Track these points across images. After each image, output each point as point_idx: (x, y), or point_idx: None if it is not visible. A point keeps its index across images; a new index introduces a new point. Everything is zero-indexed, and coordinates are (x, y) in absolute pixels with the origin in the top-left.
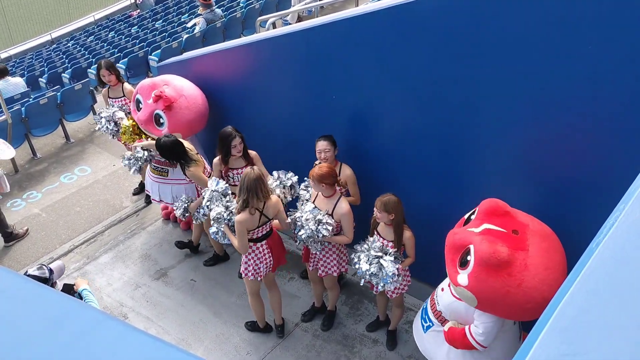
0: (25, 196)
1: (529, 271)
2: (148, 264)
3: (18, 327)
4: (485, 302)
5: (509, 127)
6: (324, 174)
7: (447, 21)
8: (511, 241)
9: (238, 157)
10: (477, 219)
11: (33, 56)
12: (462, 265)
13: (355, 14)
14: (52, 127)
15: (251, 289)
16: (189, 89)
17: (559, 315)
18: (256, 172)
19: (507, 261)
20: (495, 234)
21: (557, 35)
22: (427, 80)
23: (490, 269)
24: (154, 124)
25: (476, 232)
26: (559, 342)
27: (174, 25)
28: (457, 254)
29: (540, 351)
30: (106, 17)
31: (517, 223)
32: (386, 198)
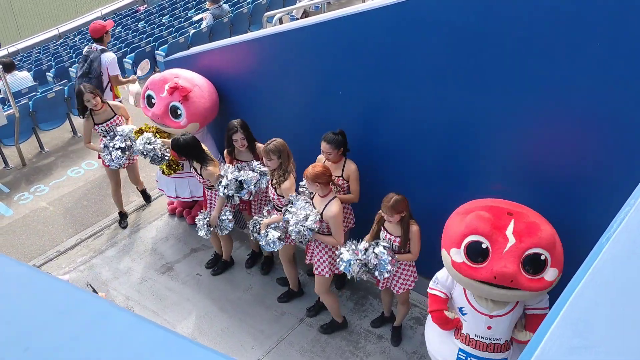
0: (33, 189)
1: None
2: (154, 258)
3: (31, 317)
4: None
5: (515, 126)
6: (318, 173)
7: (455, 18)
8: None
9: (244, 151)
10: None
11: (40, 51)
12: (539, 271)
13: (361, 10)
14: (60, 121)
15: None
16: (199, 80)
17: (570, 308)
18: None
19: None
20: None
21: (564, 32)
22: (434, 78)
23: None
24: (171, 116)
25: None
26: (571, 335)
27: (181, 21)
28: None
29: (551, 343)
30: (113, 12)
31: (499, 209)
32: (392, 200)
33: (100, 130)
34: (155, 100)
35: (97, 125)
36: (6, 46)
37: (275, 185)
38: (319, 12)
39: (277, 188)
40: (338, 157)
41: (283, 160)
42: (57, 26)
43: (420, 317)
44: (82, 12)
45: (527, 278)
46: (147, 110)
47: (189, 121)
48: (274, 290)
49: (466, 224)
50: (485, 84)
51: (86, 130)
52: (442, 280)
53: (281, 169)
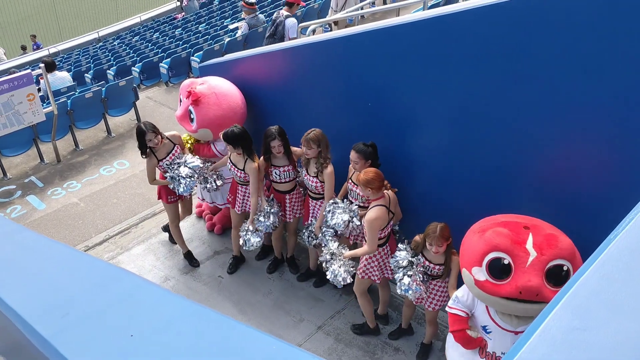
0: (66, 185)
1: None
2: (178, 258)
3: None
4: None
5: (545, 142)
6: (370, 179)
7: (486, 34)
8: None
9: (280, 156)
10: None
11: (80, 52)
12: (562, 282)
13: (395, 24)
14: (95, 120)
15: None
16: (223, 88)
17: (573, 295)
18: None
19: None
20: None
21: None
22: (464, 93)
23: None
24: (188, 119)
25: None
26: (571, 317)
27: (217, 29)
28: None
29: (552, 324)
30: (152, 19)
31: (515, 224)
32: (439, 229)
33: (165, 165)
34: (181, 104)
35: (160, 162)
36: (47, 47)
37: (316, 173)
38: (352, 24)
39: (318, 175)
40: (364, 169)
41: (322, 149)
42: (97, 30)
43: (439, 333)
44: (122, 17)
45: (551, 290)
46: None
47: (198, 126)
48: (294, 296)
49: (485, 241)
50: (518, 99)
51: (151, 169)
52: (462, 299)
53: (321, 156)
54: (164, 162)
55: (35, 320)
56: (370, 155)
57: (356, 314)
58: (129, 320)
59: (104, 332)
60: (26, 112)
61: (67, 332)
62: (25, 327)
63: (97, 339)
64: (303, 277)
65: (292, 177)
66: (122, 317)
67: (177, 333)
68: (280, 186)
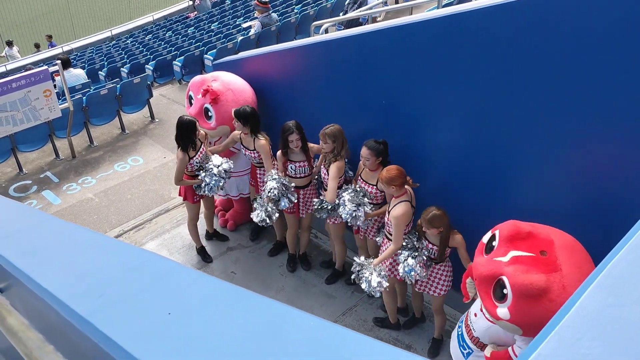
0: (81, 181)
1: (567, 292)
2: (191, 254)
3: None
4: (530, 330)
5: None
6: (393, 176)
7: (500, 32)
8: (543, 265)
9: (297, 151)
10: (500, 246)
11: (93, 51)
12: (499, 299)
13: (408, 22)
14: (110, 117)
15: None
16: (236, 84)
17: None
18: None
19: (546, 288)
20: (525, 261)
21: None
22: (477, 91)
23: (531, 300)
24: (204, 117)
25: (505, 261)
26: (606, 295)
27: (229, 28)
28: (489, 286)
29: (587, 302)
30: (164, 18)
31: (542, 242)
32: (430, 215)
33: (195, 163)
34: (193, 101)
35: (191, 160)
36: (61, 45)
37: (325, 166)
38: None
39: (327, 167)
40: (375, 166)
41: (337, 144)
42: (111, 28)
43: (449, 329)
44: (135, 16)
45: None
46: (188, 108)
47: (218, 124)
48: (306, 292)
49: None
50: (534, 99)
51: (182, 166)
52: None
53: (333, 152)
54: (194, 160)
55: (72, 301)
56: (381, 152)
57: (368, 311)
58: (166, 300)
59: (141, 310)
60: (42, 108)
61: (105, 311)
62: (63, 308)
63: (134, 317)
64: (332, 278)
65: (307, 173)
66: (158, 296)
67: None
68: (295, 181)
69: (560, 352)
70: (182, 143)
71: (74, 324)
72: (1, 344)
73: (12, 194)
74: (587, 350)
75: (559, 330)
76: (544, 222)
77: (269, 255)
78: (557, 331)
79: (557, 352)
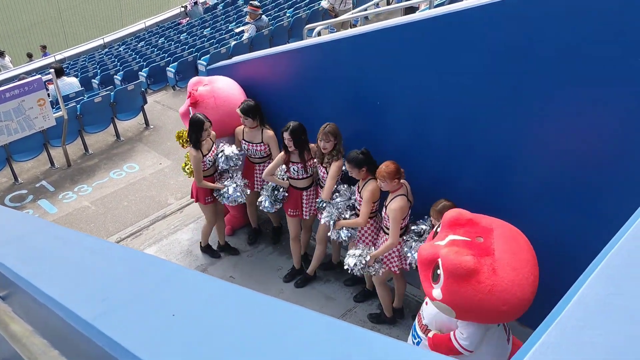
0: (77, 189)
1: (497, 275)
2: (189, 260)
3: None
4: (462, 312)
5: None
6: (391, 171)
7: (491, 31)
8: (476, 248)
9: (295, 152)
10: (441, 231)
11: (86, 59)
12: (434, 280)
13: (400, 23)
14: (104, 125)
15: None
16: (224, 92)
17: (606, 265)
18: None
19: (474, 269)
20: (460, 243)
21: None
22: (473, 90)
23: (460, 280)
24: (188, 117)
25: (442, 244)
26: (606, 284)
27: (222, 33)
28: (429, 269)
29: (588, 290)
30: (156, 24)
31: (481, 229)
32: (440, 205)
33: (207, 161)
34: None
35: (205, 157)
36: (54, 54)
37: (325, 165)
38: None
39: (327, 167)
40: (363, 175)
41: (338, 142)
42: (103, 36)
43: None
44: (127, 23)
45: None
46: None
47: None
48: (305, 294)
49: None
50: (528, 102)
51: (198, 163)
52: None
53: (335, 149)
54: (207, 157)
55: (75, 305)
56: (361, 162)
57: (367, 312)
58: (169, 302)
59: (144, 313)
60: (37, 117)
61: (108, 315)
62: (66, 313)
63: (138, 319)
64: (301, 283)
65: (307, 175)
66: (161, 299)
67: (219, 311)
68: (297, 182)
69: (563, 340)
70: (192, 140)
71: (78, 329)
72: (5, 351)
73: (7, 203)
74: (590, 339)
75: (561, 320)
76: (537, 211)
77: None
78: (559, 320)
79: (561, 340)
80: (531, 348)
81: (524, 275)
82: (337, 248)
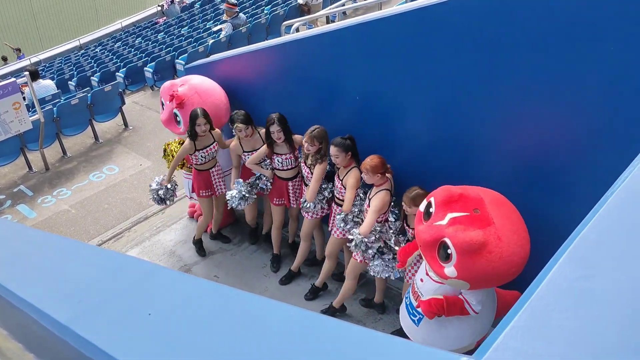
0: (56, 193)
1: (502, 241)
2: (173, 260)
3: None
4: (477, 283)
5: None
6: (376, 164)
7: (465, 23)
8: (478, 221)
9: (281, 144)
10: (437, 211)
11: (62, 61)
12: (444, 260)
13: (379, 17)
14: (82, 127)
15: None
16: (204, 86)
17: (576, 246)
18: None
19: (484, 241)
20: (462, 220)
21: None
22: (450, 82)
23: (473, 255)
24: (175, 123)
25: (444, 224)
26: (576, 267)
27: (200, 31)
28: (434, 250)
29: (558, 274)
30: (133, 24)
31: (473, 200)
32: (413, 193)
33: (200, 156)
34: (164, 107)
35: (197, 151)
36: (29, 56)
37: (309, 165)
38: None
39: (311, 167)
40: (346, 162)
41: (323, 146)
42: (78, 38)
43: None
44: (103, 24)
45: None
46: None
47: (185, 128)
48: (290, 293)
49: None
50: (504, 88)
51: (183, 153)
52: None
53: (319, 152)
54: (199, 153)
55: (50, 308)
56: (348, 147)
57: (353, 306)
58: (145, 302)
59: (121, 313)
60: (12, 121)
61: (84, 317)
62: (41, 316)
63: (114, 320)
64: (286, 280)
65: (293, 165)
66: (137, 299)
67: (196, 309)
68: (283, 173)
69: (532, 323)
70: (189, 132)
71: (53, 331)
72: None
73: None
74: (559, 322)
75: (531, 303)
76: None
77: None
78: (529, 304)
79: (530, 324)
80: (501, 333)
81: (521, 235)
82: (321, 244)
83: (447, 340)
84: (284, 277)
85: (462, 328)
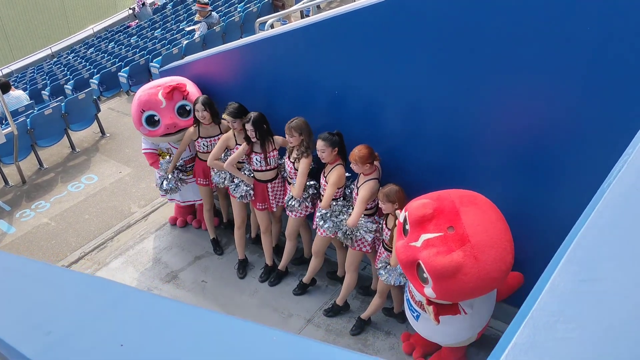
0: (34, 206)
1: (479, 261)
2: (159, 268)
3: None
4: (458, 299)
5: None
6: (364, 154)
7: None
8: (452, 242)
9: (256, 143)
10: (412, 231)
11: (34, 70)
12: (423, 282)
13: (354, 9)
14: (58, 137)
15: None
16: (182, 78)
17: (575, 246)
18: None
19: (458, 266)
20: (436, 242)
21: None
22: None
23: (448, 279)
24: (182, 118)
25: (418, 246)
26: (578, 270)
27: (173, 33)
28: (412, 269)
29: (559, 279)
30: (105, 29)
31: (448, 216)
32: (387, 189)
33: (202, 144)
34: (159, 116)
35: (200, 139)
36: (0, 68)
37: (294, 159)
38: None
39: (295, 162)
40: (332, 158)
41: (304, 137)
42: (50, 46)
43: None
44: (74, 30)
45: None
46: (152, 132)
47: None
48: (280, 293)
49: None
50: (483, 79)
51: (187, 139)
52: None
53: (302, 145)
54: (203, 140)
55: (17, 341)
56: (336, 142)
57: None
58: (117, 330)
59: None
60: None
61: (52, 350)
62: (8, 351)
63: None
64: (275, 280)
65: (273, 165)
66: (108, 327)
67: (170, 336)
68: (261, 175)
69: (536, 339)
70: (195, 119)
71: None
72: None
73: None
74: (564, 334)
75: (532, 315)
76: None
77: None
78: (530, 316)
79: (533, 339)
80: (503, 352)
81: (502, 247)
82: (308, 241)
83: (445, 336)
84: (272, 277)
85: (458, 325)
